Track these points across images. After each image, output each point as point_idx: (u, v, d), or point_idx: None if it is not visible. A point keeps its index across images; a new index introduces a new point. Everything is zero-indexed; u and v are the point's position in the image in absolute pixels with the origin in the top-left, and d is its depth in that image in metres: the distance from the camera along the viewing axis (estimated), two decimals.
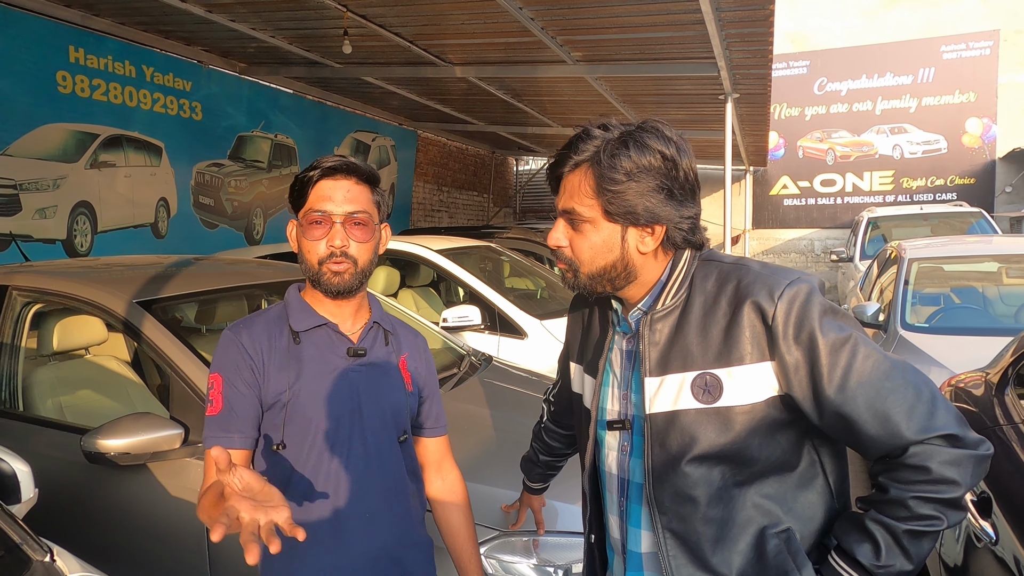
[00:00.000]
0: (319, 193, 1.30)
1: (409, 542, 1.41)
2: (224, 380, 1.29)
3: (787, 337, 1.01)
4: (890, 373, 0.99)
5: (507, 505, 1.81)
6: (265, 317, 1.38)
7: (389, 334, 1.44)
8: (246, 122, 6.99)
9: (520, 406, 2.72)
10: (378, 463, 1.36)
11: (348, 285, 1.31)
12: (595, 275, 1.11)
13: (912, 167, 11.99)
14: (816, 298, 1.03)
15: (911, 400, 0.98)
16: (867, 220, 9.16)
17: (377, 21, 5.11)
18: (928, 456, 0.97)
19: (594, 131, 1.09)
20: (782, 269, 1.08)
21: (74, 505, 2.26)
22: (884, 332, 4.23)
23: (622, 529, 1.18)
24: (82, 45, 5.22)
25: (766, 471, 1.06)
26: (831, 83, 12.39)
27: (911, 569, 1.00)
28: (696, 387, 1.05)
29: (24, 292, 2.62)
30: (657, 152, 1.06)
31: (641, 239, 1.09)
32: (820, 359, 1.00)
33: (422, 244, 4.91)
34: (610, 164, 1.05)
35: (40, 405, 2.65)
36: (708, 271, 1.10)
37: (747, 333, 1.03)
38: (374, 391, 1.36)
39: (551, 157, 1.15)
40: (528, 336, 4.30)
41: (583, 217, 1.09)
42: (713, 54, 5.00)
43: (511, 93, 7.45)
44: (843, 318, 1.03)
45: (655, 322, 1.11)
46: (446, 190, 11.79)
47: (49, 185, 5.03)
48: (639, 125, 1.09)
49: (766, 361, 1.03)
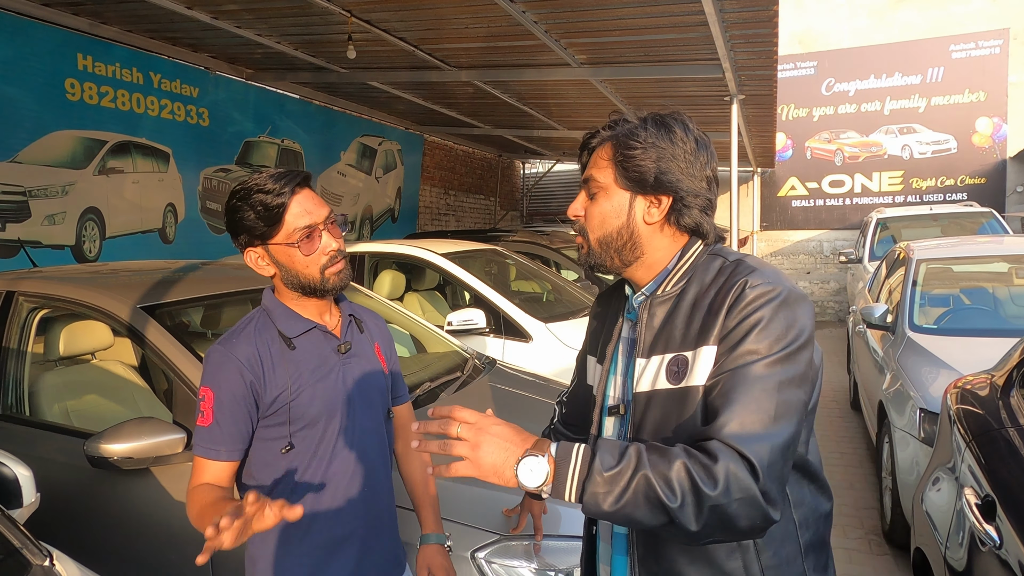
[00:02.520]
0: (295, 211, 1.33)
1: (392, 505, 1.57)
2: (216, 397, 1.33)
3: (736, 311, 1.03)
4: (769, 393, 0.98)
5: (508, 509, 1.81)
6: (252, 327, 1.40)
7: (360, 322, 1.53)
8: (253, 128, 7.03)
9: (523, 410, 2.71)
10: (374, 442, 1.48)
11: (347, 281, 1.40)
12: (603, 242, 1.16)
13: (922, 167, 11.90)
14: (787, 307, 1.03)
15: (758, 420, 0.96)
16: (876, 221, 9.10)
17: (381, 26, 5.13)
18: (725, 456, 0.94)
19: (627, 116, 1.16)
20: (778, 274, 1.09)
21: (79, 509, 2.27)
22: (892, 334, 4.20)
23: None
24: (90, 53, 5.27)
25: None
26: (839, 83, 12.31)
27: (606, 506, 0.94)
28: (669, 369, 1.08)
29: (30, 298, 2.64)
30: (677, 132, 1.12)
31: (648, 209, 1.14)
32: (742, 342, 1.01)
33: (427, 248, 4.92)
34: (629, 134, 1.12)
35: (47, 410, 2.68)
36: (711, 265, 1.13)
37: (722, 315, 1.05)
38: (362, 380, 1.46)
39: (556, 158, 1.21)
40: (533, 339, 4.30)
41: (598, 183, 1.15)
42: (717, 56, 4.99)
43: (516, 96, 7.46)
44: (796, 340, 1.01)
45: (654, 306, 1.14)
46: (453, 194, 11.81)
47: (58, 192, 5.08)
48: (668, 113, 1.16)
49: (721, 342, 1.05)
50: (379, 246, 5.27)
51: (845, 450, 5.02)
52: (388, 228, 9.75)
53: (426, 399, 2.59)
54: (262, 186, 1.31)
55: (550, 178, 14.33)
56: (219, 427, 1.34)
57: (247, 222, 1.33)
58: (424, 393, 2.63)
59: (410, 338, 3.65)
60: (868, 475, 4.51)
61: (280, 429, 1.37)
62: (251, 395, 1.34)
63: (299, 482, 1.38)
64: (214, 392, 1.33)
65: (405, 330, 3.62)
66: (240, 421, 1.34)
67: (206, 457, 1.35)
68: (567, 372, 3.84)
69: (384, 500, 1.53)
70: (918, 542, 2.30)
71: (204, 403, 1.34)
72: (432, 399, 2.61)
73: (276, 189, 1.31)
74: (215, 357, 1.36)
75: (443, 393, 2.69)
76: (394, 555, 1.56)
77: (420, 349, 3.55)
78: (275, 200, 1.31)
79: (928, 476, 2.37)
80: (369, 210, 9.26)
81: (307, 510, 1.36)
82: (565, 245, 7.19)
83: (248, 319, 1.43)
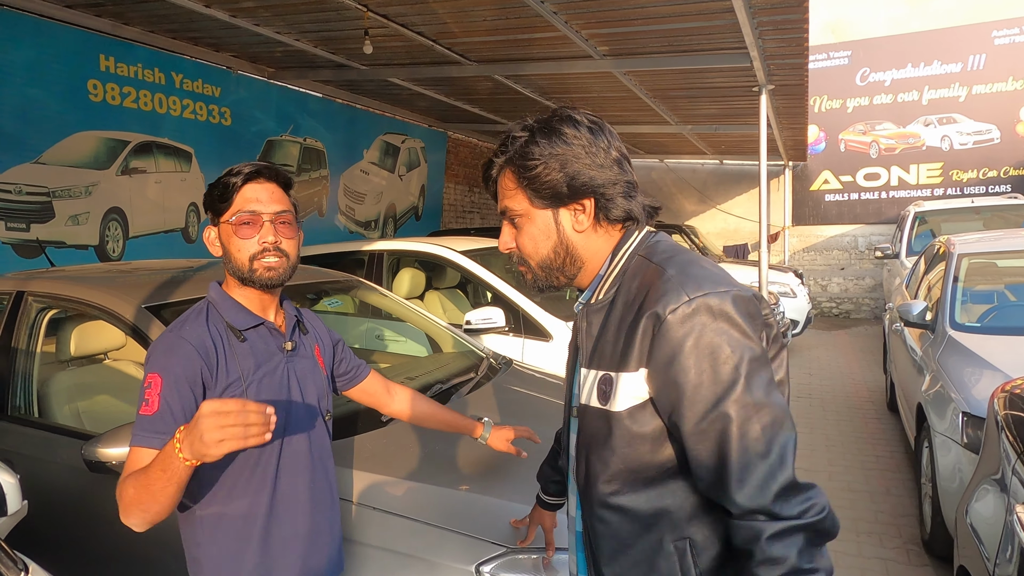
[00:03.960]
0: (246, 196, 1.38)
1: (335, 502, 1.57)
2: (164, 382, 1.29)
3: (662, 354, 1.00)
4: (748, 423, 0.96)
5: (516, 520, 1.72)
6: (203, 317, 1.40)
7: (303, 323, 1.56)
8: (275, 127, 7.03)
9: (536, 412, 2.60)
10: (317, 441, 1.51)
11: (280, 279, 1.40)
12: (544, 265, 1.15)
13: (962, 159, 11.46)
14: (711, 320, 0.99)
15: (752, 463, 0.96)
16: (914, 215, 8.80)
17: (399, 20, 5.06)
18: (755, 536, 0.95)
19: (514, 132, 1.13)
20: (700, 277, 1.03)
21: (82, 513, 2.23)
22: (932, 332, 3.99)
23: (575, 505, 1.22)
24: (112, 54, 5.30)
25: (657, 479, 1.05)
26: (874, 73, 11.92)
27: None
28: (599, 387, 1.08)
29: (39, 298, 2.62)
30: (567, 134, 1.09)
31: (575, 217, 1.12)
32: (684, 391, 0.98)
33: (445, 245, 4.84)
34: (522, 154, 1.10)
35: (57, 411, 2.65)
36: (638, 269, 1.10)
37: (639, 340, 1.02)
38: (305, 380, 1.49)
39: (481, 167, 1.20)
40: (553, 338, 4.18)
41: (516, 212, 1.14)
42: (745, 44, 4.80)
43: (538, 91, 7.34)
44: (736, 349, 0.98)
45: (590, 314, 1.14)
46: (477, 191, 11.73)
47: (81, 192, 5.11)
48: (551, 113, 1.13)
49: (643, 369, 1.02)
50: (399, 244, 5.21)
51: (881, 453, 4.81)
52: (412, 226, 9.71)
53: (438, 400, 2.49)
54: (233, 169, 1.40)
55: None
56: (165, 414, 1.27)
57: (210, 198, 1.41)
58: (436, 395, 2.54)
59: (425, 337, 3.57)
60: (906, 480, 4.31)
61: None
62: (200, 382, 1.31)
63: (246, 479, 1.38)
64: (161, 377, 1.29)
65: (420, 329, 3.54)
66: (188, 409, 1.30)
67: (144, 446, 1.26)
68: None
69: (327, 498, 1.53)
70: (962, 559, 2.14)
71: (150, 390, 1.28)
72: (444, 401, 2.52)
73: (237, 171, 1.39)
74: (164, 342, 1.34)
75: (455, 395, 2.60)
76: (337, 554, 1.56)
77: (436, 349, 3.47)
78: (231, 180, 1.38)
79: (973, 487, 2.20)
80: (392, 208, 9.23)
81: (253, 509, 1.38)
82: None
83: (198, 310, 1.43)
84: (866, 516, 3.81)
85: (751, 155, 11.72)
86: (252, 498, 1.39)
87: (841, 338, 9.83)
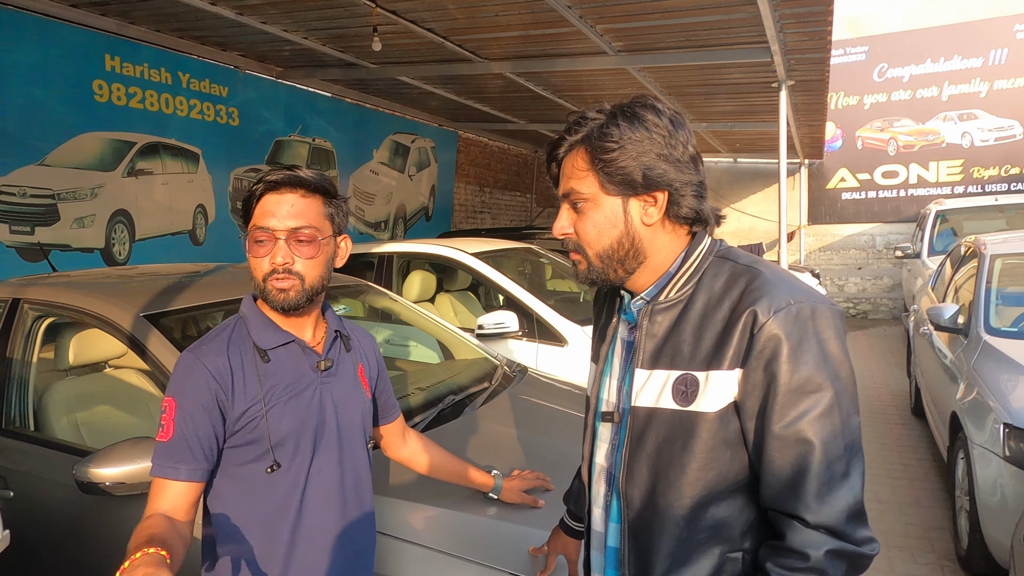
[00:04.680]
0: (263, 208, 1.26)
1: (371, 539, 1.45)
2: (178, 407, 1.21)
3: (761, 354, 0.98)
4: (835, 440, 0.97)
5: (536, 548, 1.58)
6: (226, 335, 1.30)
7: (348, 339, 1.43)
8: (283, 127, 6.93)
9: (555, 426, 2.47)
10: (351, 470, 1.38)
11: (294, 302, 1.27)
12: (604, 255, 1.09)
13: (983, 155, 11.20)
14: (812, 327, 0.99)
15: (834, 479, 0.96)
16: (935, 213, 8.61)
17: (408, 17, 4.94)
18: (814, 545, 0.96)
19: (588, 113, 1.08)
20: (795, 284, 1.03)
21: (78, 535, 2.12)
22: (964, 337, 3.82)
23: (604, 523, 1.16)
24: (118, 53, 5.21)
25: (729, 488, 1.03)
26: (892, 69, 11.69)
27: None
28: (676, 387, 1.04)
29: (35, 305, 2.52)
30: (649, 121, 1.04)
31: (644, 209, 1.07)
32: (778, 393, 0.97)
33: (457, 247, 4.72)
34: (601, 135, 1.05)
35: (55, 423, 2.54)
36: (720, 269, 1.07)
37: (735, 339, 1.00)
38: (344, 402, 1.37)
39: (547, 145, 1.13)
40: (568, 343, 4.05)
41: (582, 195, 1.08)
42: (766, 37, 4.64)
43: (551, 89, 7.20)
44: (832, 362, 0.98)
45: (655, 313, 1.09)
46: (488, 191, 11.61)
47: (87, 194, 5.03)
48: (631, 100, 1.08)
49: (737, 368, 1.00)
50: (409, 246, 5.09)
51: (908, 461, 4.63)
52: (422, 227, 9.60)
53: (451, 414, 2.37)
54: (263, 174, 1.29)
55: None
56: (180, 442, 1.21)
57: (242, 205, 1.32)
58: (448, 407, 2.41)
59: (436, 343, 3.44)
60: (936, 490, 4.13)
61: (251, 448, 1.27)
62: (217, 407, 1.23)
63: (266, 512, 1.28)
64: (176, 402, 1.22)
65: (431, 335, 3.42)
66: (204, 436, 1.21)
67: (163, 476, 1.20)
68: None
69: (362, 535, 1.40)
70: None
71: (165, 415, 1.23)
72: (457, 413, 2.39)
73: (265, 179, 1.28)
74: (183, 363, 1.26)
75: (468, 407, 2.47)
76: None
77: (448, 355, 3.34)
78: (252, 188, 1.28)
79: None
80: (403, 209, 9.13)
81: (272, 546, 1.27)
82: None
83: (224, 326, 1.32)
84: (896, 529, 3.65)
85: (765, 153, 11.52)
86: (272, 534, 1.27)
87: (859, 339, 9.63)
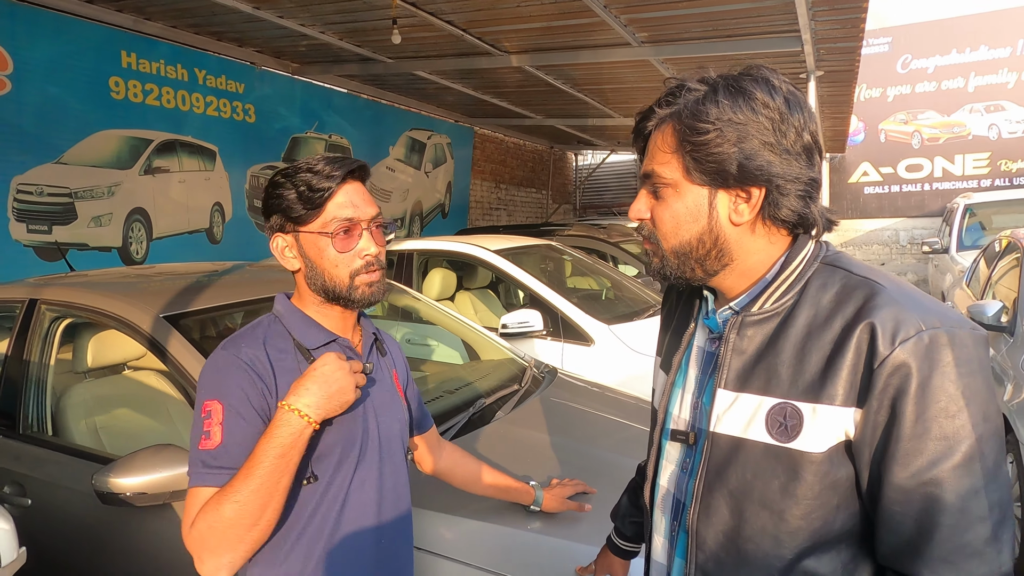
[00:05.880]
0: (341, 199, 1.16)
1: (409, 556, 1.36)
2: (227, 408, 1.09)
3: (885, 391, 0.81)
4: (976, 497, 0.78)
5: (582, 568, 1.48)
6: (260, 332, 1.18)
7: (382, 344, 1.35)
8: (300, 123, 6.87)
9: (592, 432, 2.36)
10: (391, 483, 1.28)
11: (381, 295, 1.20)
12: (680, 251, 0.93)
13: (1011, 148, 10.94)
14: (949, 358, 0.80)
15: (972, 544, 0.78)
16: (963, 207, 8.38)
17: (427, 9, 4.84)
18: None
19: (688, 82, 0.91)
20: (925, 303, 0.84)
21: (98, 547, 2.04)
22: (1010, 336, 3.67)
23: (669, 556, 1.02)
24: (134, 50, 5.15)
25: (839, 541, 0.87)
26: (916, 60, 11.45)
27: None
28: (772, 418, 0.87)
29: (52, 306, 2.44)
30: (757, 100, 0.86)
31: (734, 206, 0.89)
32: (903, 437, 0.80)
33: (478, 244, 4.61)
34: (693, 112, 0.87)
35: (73, 427, 2.47)
36: (830, 280, 0.88)
37: (848, 368, 0.82)
38: (384, 410, 1.28)
39: (611, 148, 0.93)
40: (595, 343, 3.93)
41: (664, 180, 0.92)
42: (797, 26, 4.49)
43: (570, 82, 7.08)
44: (974, 402, 0.79)
45: (747, 326, 0.91)
46: (504, 187, 11.51)
47: (104, 193, 4.98)
48: (742, 70, 0.90)
49: (852, 407, 0.83)
50: (429, 243, 4.99)
51: None
52: (438, 224, 9.52)
53: (480, 419, 2.27)
54: (312, 166, 1.16)
55: (604, 169, 13.86)
56: (231, 447, 1.07)
57: (286, 202, 1.16)
58: (478, 411, 2.31)
59: (461, 343, 3.34)
60: None
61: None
62: (265, 406, 1.11)
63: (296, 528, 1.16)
64: (223, 404, 1.09)
65: (456, 335, 3.32)
66: (253, 439, 1.08)
67: (208, 485, 1.06)
68: (633, 380, 3.46)
69: (402, 550, 1.31)
70: None
71: (209, 420, 1.08)
72: (487, 419, 2.29)
73: (327, 172, 1.15)
74: (220, 362, 1.13)
75: (500, 411, 2.36)
76: None
77: (473, 355, 3.24)
78: (323, 183, 1.14)
79: None
80: (419, 206, 9.04)
81: (315, 560, 1.17)
82: (623, 239, 6.78)
83: (256, 324, 1.21)
84: None
85: None
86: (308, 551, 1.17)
87: None
